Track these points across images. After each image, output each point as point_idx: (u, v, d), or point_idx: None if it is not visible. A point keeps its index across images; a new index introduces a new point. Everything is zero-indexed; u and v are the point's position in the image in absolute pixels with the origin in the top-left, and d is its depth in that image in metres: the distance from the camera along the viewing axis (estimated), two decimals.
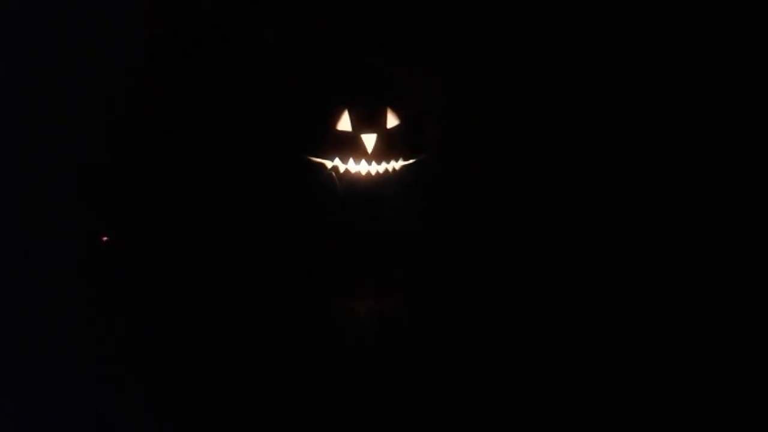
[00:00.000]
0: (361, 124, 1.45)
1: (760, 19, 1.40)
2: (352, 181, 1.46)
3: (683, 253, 1.39)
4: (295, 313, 1.29)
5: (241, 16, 1.48)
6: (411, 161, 1.50)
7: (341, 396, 1.09)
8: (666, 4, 1.44)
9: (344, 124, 1.45)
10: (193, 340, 1.20)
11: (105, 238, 1.43)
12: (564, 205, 1.53)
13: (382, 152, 1.45)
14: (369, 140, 1.45)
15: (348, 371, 1.15)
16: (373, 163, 1.45)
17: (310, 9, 1.47)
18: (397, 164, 1.48)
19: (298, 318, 1.28)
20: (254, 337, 1.22)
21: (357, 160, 1.45)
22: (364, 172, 1.46)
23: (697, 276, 1.33)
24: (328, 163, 1.47)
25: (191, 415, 1.04)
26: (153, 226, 1.47)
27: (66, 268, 1.36)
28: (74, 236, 1.41)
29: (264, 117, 1.52)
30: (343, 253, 1.48)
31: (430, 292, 1.38)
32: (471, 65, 1.55)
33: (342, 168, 1.46)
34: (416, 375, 1.13)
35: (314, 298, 1.35)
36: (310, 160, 1.48)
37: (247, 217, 1.53)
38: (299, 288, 1.37)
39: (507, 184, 1.58)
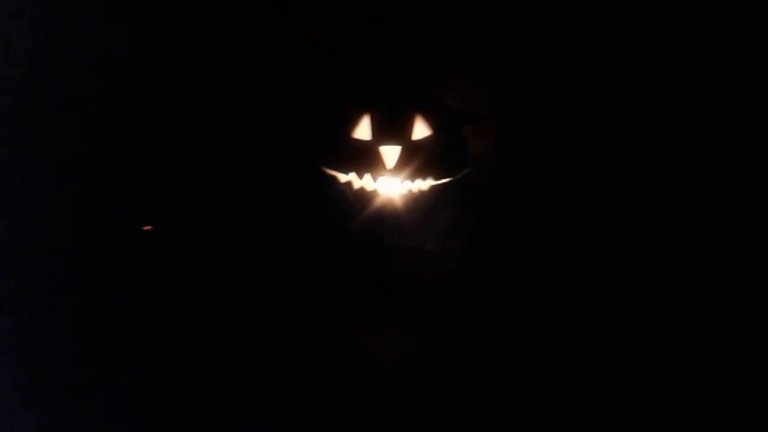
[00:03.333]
0: (383, 132, 1.19)
1: None
2: (368, 202, 1.20)
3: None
4: (306, 338, 1.13)
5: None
6: (443, 181, 1.21)
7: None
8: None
9: (362, 131, 1.19)
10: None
11: (148, 227, 1.31)
12: (639, 243, 1.25)
13: (407, 168, 1.18)
14: (390, 153, 1.18)
15: (366, 405, 1.01)
16: (395, 181, 1.18)
17: None
18: (425, 184, 1.20)
19: (311, 344, 1.12)
20: (264, 365, 1.08)
21: (375, 177, 1.18)
22: (382, 192, 1.19)
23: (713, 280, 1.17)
24: (342, 177, 1.21)
25: None
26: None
27: (107, 257, 1.25)
28: (116, 226, 1.30)
29: (272, 117, 1.29)
30: (359, 280, 1.23)
31: (459, 331, 1.15)
32: (534, 62, 1.28)
33: (357, 184, 1.20)
34: (439, 413, 0.99)
35: (327, 325, 1.17)
36: (323, 170, 1.23)
37: (254, 229, 1.31)
38: (311, 312, 1.18)
39: (565, 212, 1.30)
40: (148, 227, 1.30)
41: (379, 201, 1.20)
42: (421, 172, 1.19)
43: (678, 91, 1.27)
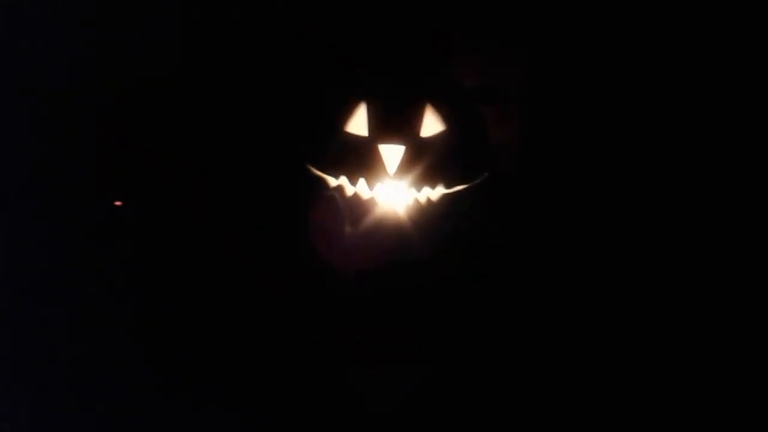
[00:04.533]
0: (384, 127, 0.95)
1: None
2: (362, 213, 0.96)
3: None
4: (299, 378, 0.95)
5: None
6: (459, 188, 0.97)
7: None
8: None
9: (358, 124, 0.96)
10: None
11: (118, 203, 1.17)
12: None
13: (412, 173, 0.94)
14: (392, 153, 0.94)
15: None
16: (397, 188, 0.95)
17: None
18: (434, 192, 0.96)
19: (303, 385, 0.94)
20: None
21: (371, 182, 0.94)
22: (381, 202, 0.95)
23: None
24: (332, 181, 0.98)
25: None
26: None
27: (77, 232, 1.14)
28: (86, 200, 1.18)
29: (251, 100, 1.05)
30: (355, 306, 1.01)
31: (470, 366, 0.96)
32: (570, 31, 1.06)
33: (350, 190, 0.96)
34: None
35: (321, 361, 0.97)
36: (311, 170, 1.00)
37: (232, 234, 1.10)
38: (302, 347, 0.98)
39: (603, 215, 1.09)
40: (119, 203, 1.16)
41: (376, 212, 0.96)
42: (429, 179, 0.95)
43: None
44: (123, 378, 0.93)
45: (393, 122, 0.93)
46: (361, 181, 0.95)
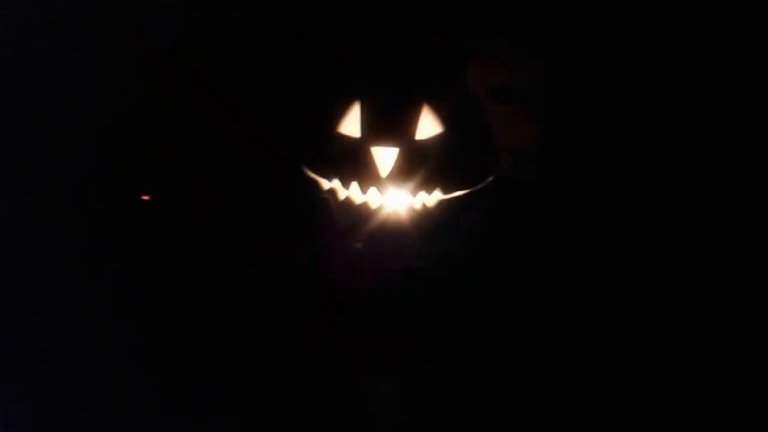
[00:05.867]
0: (378, 128, 0.90)
1: None
2: (355, 218, 0.91)
3: None
4: (298, 382, 0.90)
5: None
6: (457, 194, 0.91)
7: None
8: None
9: (350, 125, 0.91)
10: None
11: (146, 197, 1.14)
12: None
13: (408, 178, 0.89)
14: (385, 156, 0.89)
15: None
16: (391, 193, 0.89)
17: None
18: (431, 198, 0.91)
19: (302, 389, 0.90)
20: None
21: (364, 186, 0.89)
22: (373, 207, 0.90)
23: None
24: (324, 183, 0.93)
25: None
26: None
27: (77, 232, 1.12)
28: (85, 201, 1.16)
29: (247, 99, 1.02)
30: (349, 314, 0.95)
31: (469, 375, 0.90)
32: (598, 26, 1.01)
33: (341, 194, 0.91)
34: None
35: (319, 365, 0.92)
36: (304, 172, 0.95)
37: (224, 234, 1.06)
38: (300, 351, 0.93)
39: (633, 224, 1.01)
40: (146, 197, 1.11)
41: (369, 218, 0.91)
42: (425, 183, 0.89)
43: None
44: (123, 378, 0.90)
45: (387, 123, 0.88)
46: (354, 185, 0.90)
